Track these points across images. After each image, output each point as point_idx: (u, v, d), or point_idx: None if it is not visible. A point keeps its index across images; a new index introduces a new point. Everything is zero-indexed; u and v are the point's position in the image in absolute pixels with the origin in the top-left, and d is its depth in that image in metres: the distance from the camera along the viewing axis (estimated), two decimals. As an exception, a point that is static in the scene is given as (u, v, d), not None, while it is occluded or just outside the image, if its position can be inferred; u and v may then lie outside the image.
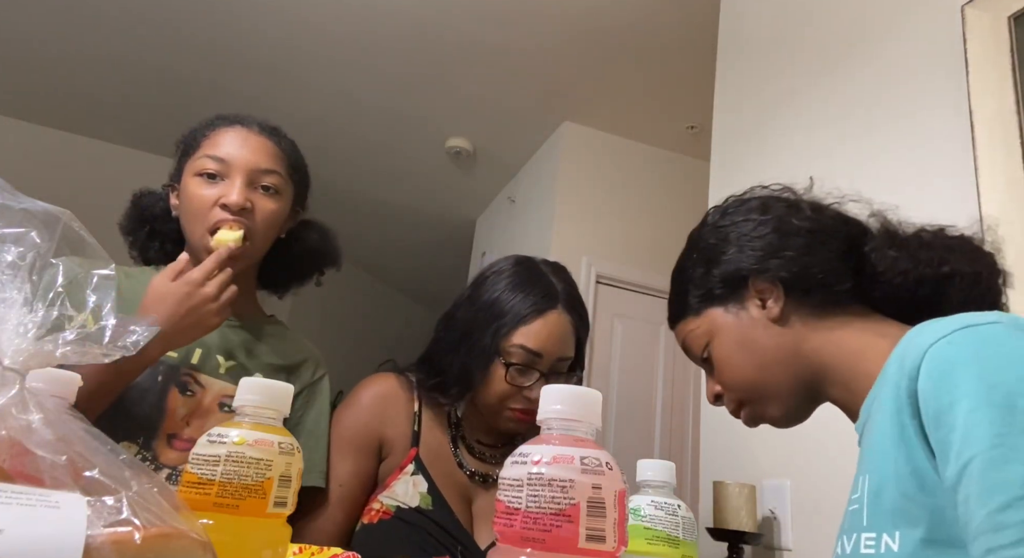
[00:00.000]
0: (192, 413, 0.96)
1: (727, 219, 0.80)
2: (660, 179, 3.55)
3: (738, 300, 0.76)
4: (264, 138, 1.04)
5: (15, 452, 0.35)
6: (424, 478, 1.01)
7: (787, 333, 0.73)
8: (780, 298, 0.74)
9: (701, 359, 0.80)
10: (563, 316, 1.03)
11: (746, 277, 0.75)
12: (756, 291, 0.75)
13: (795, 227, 0.75)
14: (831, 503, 1.34)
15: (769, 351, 0.74)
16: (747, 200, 0.81)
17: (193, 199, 0.98)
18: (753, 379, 0.75)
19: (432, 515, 0.98)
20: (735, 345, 0.76)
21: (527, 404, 1.00)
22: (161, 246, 1.10)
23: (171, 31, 3.07)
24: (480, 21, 2.84)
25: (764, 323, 0.74)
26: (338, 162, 4.05)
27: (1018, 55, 1.22)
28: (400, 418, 1.05)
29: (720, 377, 0.78)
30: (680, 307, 0.82)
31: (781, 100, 1.79)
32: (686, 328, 0.81)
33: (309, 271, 1.16)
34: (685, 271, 0.83)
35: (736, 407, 0.79)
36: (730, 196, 0.84)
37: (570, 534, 0.38)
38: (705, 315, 0.78)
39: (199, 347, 0.99)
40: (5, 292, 0.40)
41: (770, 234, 0.75)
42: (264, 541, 0.49)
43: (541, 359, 1.00)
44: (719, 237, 0.79)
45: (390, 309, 5.69)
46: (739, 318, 0.76)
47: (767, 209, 0.78)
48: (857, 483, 0.61)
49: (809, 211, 0.77)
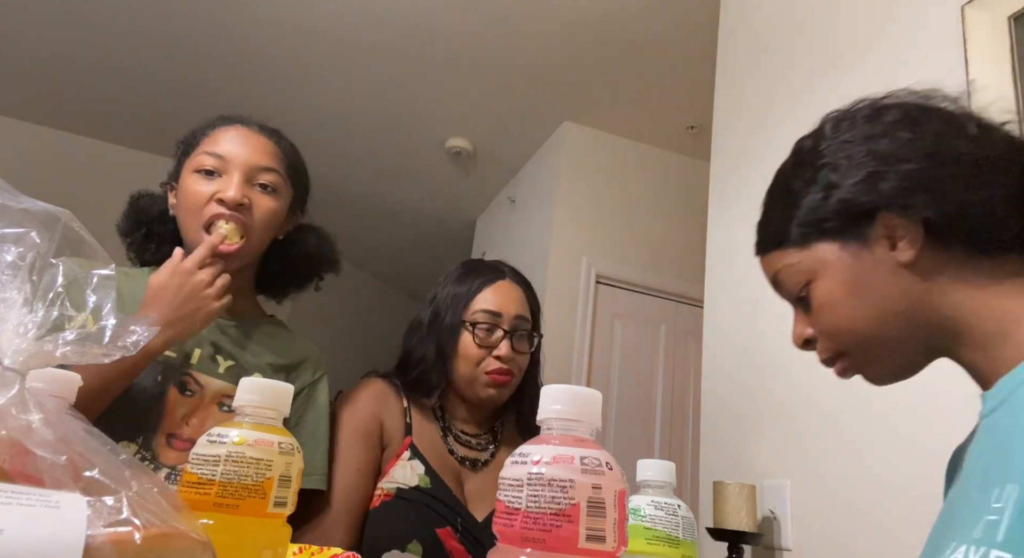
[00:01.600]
0: (191, 413, 0.96)
1: (857, 131, 0.64)
2: (660, 179, 3.55)
3: (860, 236, 0.62)
4: (264, 137, 1.05)
5: (15, 452, 0.35)
6: (420, 462, 1.06)
7: (919, 282, 0.60)
8: (918, 240, 0.59)
9: (796, 297, 0.67)
10: (512, 284, 1.17)
11: (876, 210, 0.60)
12: (886, 228, 0.61)
13: (955, 152, 0.59)
14: (831, 503, 1.34)
15: (892, 301, 0.61)
16: (887, 107, 0.64)
17: (190, 195, 0.98)
18: (865, 331, 0.62)
19: (431, 492, 1.04)
20: (848, 289, 0.62)
21: (498, 364, 1.10)
22: (158, 248, 1.10)
23: (171, 31, 3.07)
24: (480, 21, 2.84)
25: (892, 267, 0.60)
26: (338, 162, 4.05)
27: (1018, 55, 1.21)
28: (394, 412, 1.12)
29: (820, 322, 0.65)
30: (778, 234, 0.67)
31: (781, 100, 1.79)
32: (783, 259, 0.67)
33: (308, 276, 1.16)
34: (791, 191, 0.67)
35: (832, 357, 0.67)
36: (862, 99, 0.67)
37: (570, 534, 0.38)
38: (812, 249, 0.64)
39: (198, 347, 0.99)
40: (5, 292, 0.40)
41: (919, 159, 0.59)
42: (264, 541, 0.49)
43: (502, 318, 1.12)
44: (845, 155, 0.63)
45: (390, 309, 5.69)
46: (858, 258, 0.62)
47: (917, 124, 0.61)
48: (1000, 490, 0.49)
49: (976, 130, 0.61)
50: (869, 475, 1.27)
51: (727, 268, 1.83)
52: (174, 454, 0.93)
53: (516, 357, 1.12)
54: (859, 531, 1.25)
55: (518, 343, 1.13)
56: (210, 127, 1.05)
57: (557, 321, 3.00)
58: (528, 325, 1.15)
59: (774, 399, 1.54)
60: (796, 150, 0.70)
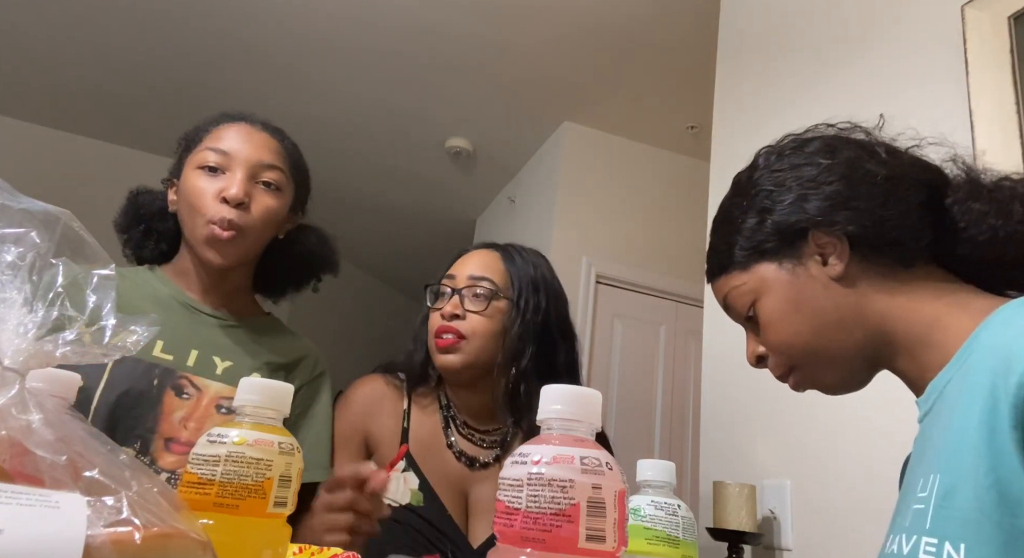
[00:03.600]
0: (189, 416, 0.95)
1: (785, 161, 0.70)
2: (660, 179, 3.55)
3: (794, 255, 0.68)
4: (268, 135, 1.04)
5: (15, 452, 0.35)
6: (416, 474, 1.02)
7: (850, 294, 0.65)
8: (845, 254, 0.65)
9: (744, 317, 0.72)
10: (488, 252, 1.11)
11: (806, 229, 0.66)
12: (817, 246, 0.66)
13: (868, 173, 0.65)
14: (831, 503, 1.34)
15: (828, 313, 0.66)
16: (809, 139, 0.71)
17: (193, 192, 0.97)
18: (807, 343, 0.67)
19: (422, 512, 0.99)
20: (788, 305, 0.67)
21: (440, 322, 1.04)
22: (156, 245, 1.09)
23: (172, 31, 3.07)
24: (480, 21, 2.84)
25: (824, 282, 0.66)
26: (338, 162, 4.05)
27: (1018, 55, 1.22)
28: (388, 415, 1.08)
29: (768, 339, 0.70)
30: (723, 260, 0.73)
31: (781, 100, 1.79)
32: (729, 283, 0.72)
33: (306, 276, 1.15)
34: (732, 219, 0.73)
35: (785, 372, 0.72)
36: (787, 135, 0.74)
37: (570, 534, 0.38)
38: (754, 270, 0.70)
39: (195, 348, 0.98)
40: (5, 292, 0.40)
41: (838, 181, 0.65)
42: (264, 541, 0.49)
43: (455, 279, 1.07)
44: (775, 182, 0.69)
45: (389, 309, 5.69)
46: (794, 275, 0.67)
47: (834, 151, 0.68)
48: (924, 480, 0.54)
49: (885, 154, 0.67)
50: (869, 475, 1.27)
51: (727, 268, 1.83)
52: (172, 458, 0.92)
53: (467, 318, 1.03)
54: (859, 531, 1.25)
55: (470, 303, 1.04)
56: (213, 123, 1.04)
57: (557, 321, 3.00)
58: (491, 287, 1.05)
59: (774, 399, 1.53)
60: (735, 182, 0.77)
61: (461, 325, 1.03)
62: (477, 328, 1.04)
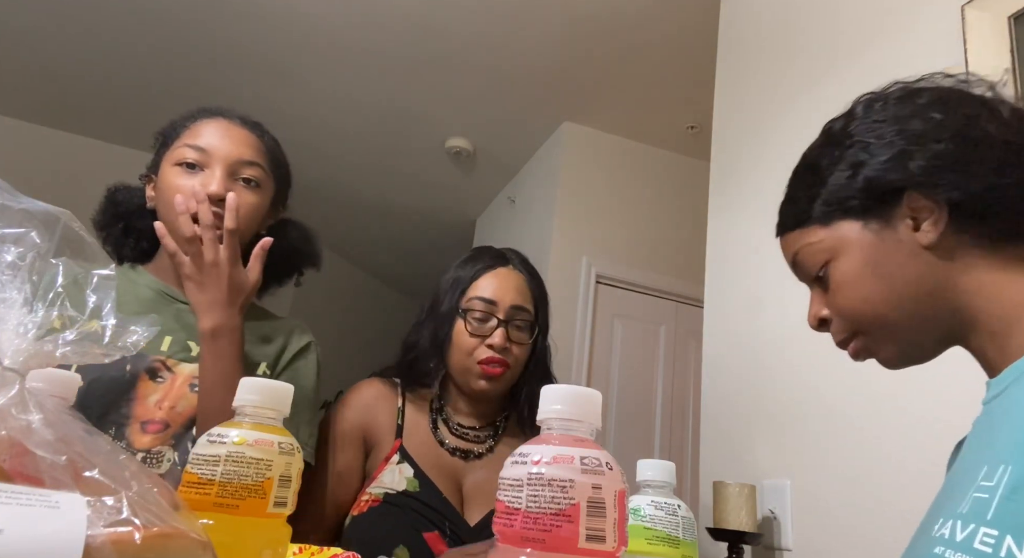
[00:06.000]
0: (164, 397, 0.93)
1: (888, 111, 0.63)
2: (660, 179, 3.55)
3: (883, 216, 0.62)
4: (246, 131, 1.02)
5: (15, 452, 0.35)
6: (410, 465, 1.05)
7: (938, 265, 0.59)
8: (942, 221, 0.59)
9: (814, 277, 0.67)
10: (514, 271, 1.14)
11: (902, 190, 0.60)
12: (911, 209, 0.61)
13: (987, 135, 0.59)
14: (831, 503, 1.34)
15: (909, 282, 0.60)
16: (920, 89, 0.64)
17: (171, 189, 0.95)
18: (878, 311, 0.62)
19: (419, 496, 1.02)
20: (866, 269, 0.62)
21: (490, 353, 1.07)
22: (136, 243, 1.08)
23: (171, 31, 3.07)
24: (480, 21, 2.84)
25: (911, 248, 0.60)
26: (338, 162, 4.04)
27: (1018, 55, 1.21)
28: (384, 414, 1.11)
29: (836, 301, 0.65)
30: (800, 213, 0.67)
31: (781, 100, 1.79)
32: (803, 238, 0.67)
33: (288, 271, 1.14)
34: (818, 170, 0.67)
35: (847, 338, 0.67)
36: (894, 82, 0.67)
37: (570, 534, 0.38)
38: (834, 227, 0.64)
39: (168, 334, 0.97)
40: (5, 292, 0.40)
41: (949, 140, 0.59)
42: (264, 541, 0.49)
43: (496, 306, 1.09)
44: (875, 134, 0.63)
45: (389, 309, 5.69)
46: (880, 238, 0.62)
47: (949, 105, 0.61)
48: (991, 468, 0.50)
49: (1009, 114, 0.60)
50: (869, 475, 1.27)
51: (727, 268, 1.83)
52: (148, 438, 0.91)
53: (511, 348, 1.09)
54: (859, 531, 1.25)
55: (515, 333, 1.09)
56: (191, 119, 1.03)
57: (557, 321, 2.99)
58: (528, 317, 1.12)
59: (774, 399, 1.54)
60: (826, 131, 0.69)
61: (507, 355, 1.09)
62: (519, 357, 1.11)
